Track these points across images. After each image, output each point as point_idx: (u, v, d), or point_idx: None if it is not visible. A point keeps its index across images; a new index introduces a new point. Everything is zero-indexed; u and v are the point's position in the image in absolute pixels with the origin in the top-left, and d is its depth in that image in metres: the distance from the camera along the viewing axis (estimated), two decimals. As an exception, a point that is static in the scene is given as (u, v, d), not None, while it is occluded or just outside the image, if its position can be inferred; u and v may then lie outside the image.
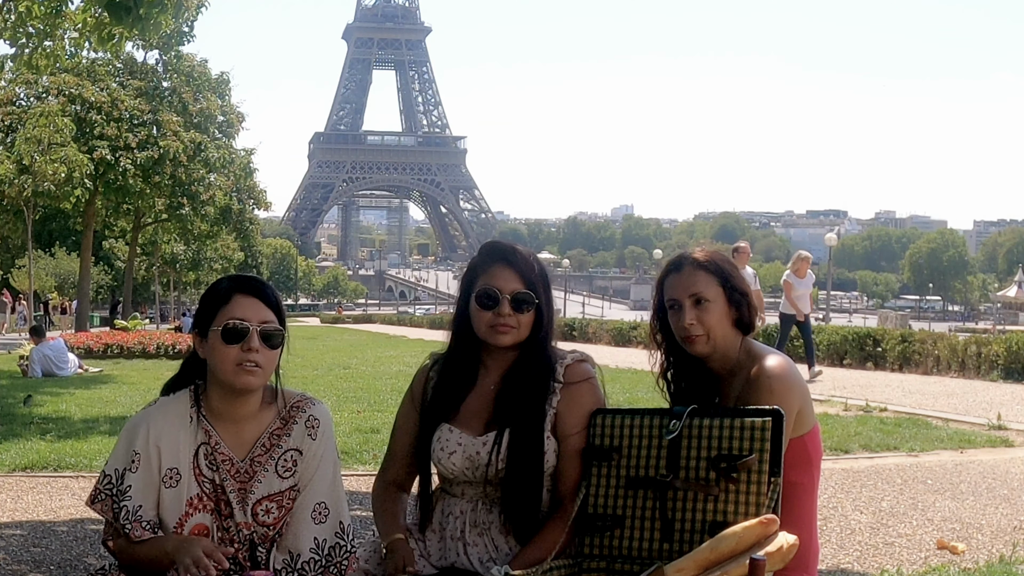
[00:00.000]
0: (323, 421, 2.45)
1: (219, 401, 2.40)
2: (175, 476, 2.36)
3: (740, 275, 2.64)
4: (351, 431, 7.62)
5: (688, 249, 2.70)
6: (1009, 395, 10.81)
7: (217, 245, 46.82)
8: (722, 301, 2.57)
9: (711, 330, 2.55)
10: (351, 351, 22.45)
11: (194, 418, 2.40)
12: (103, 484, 2.37)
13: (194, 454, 2.39)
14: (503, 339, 2.51)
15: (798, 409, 2.50)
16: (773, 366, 2.50)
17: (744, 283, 2.62)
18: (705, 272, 2.58)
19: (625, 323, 28.14)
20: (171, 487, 2.36)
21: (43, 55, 9.05)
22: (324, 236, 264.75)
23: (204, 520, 2.37)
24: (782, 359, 2.55)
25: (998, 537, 4.57)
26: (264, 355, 2.34)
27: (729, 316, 2.58)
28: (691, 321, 2.56)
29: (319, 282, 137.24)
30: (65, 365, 14.51)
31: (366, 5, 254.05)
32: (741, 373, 2.56)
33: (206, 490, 2.38)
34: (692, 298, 2.56)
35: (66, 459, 6.47)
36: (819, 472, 2.65)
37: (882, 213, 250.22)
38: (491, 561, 2.47)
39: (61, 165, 28.45)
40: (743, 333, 2.61)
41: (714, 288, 2.57)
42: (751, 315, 2.61)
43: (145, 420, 2.39)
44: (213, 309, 2.37)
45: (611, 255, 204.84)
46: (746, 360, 2.57)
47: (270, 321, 2.37)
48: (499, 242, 2.65)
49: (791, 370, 2.54)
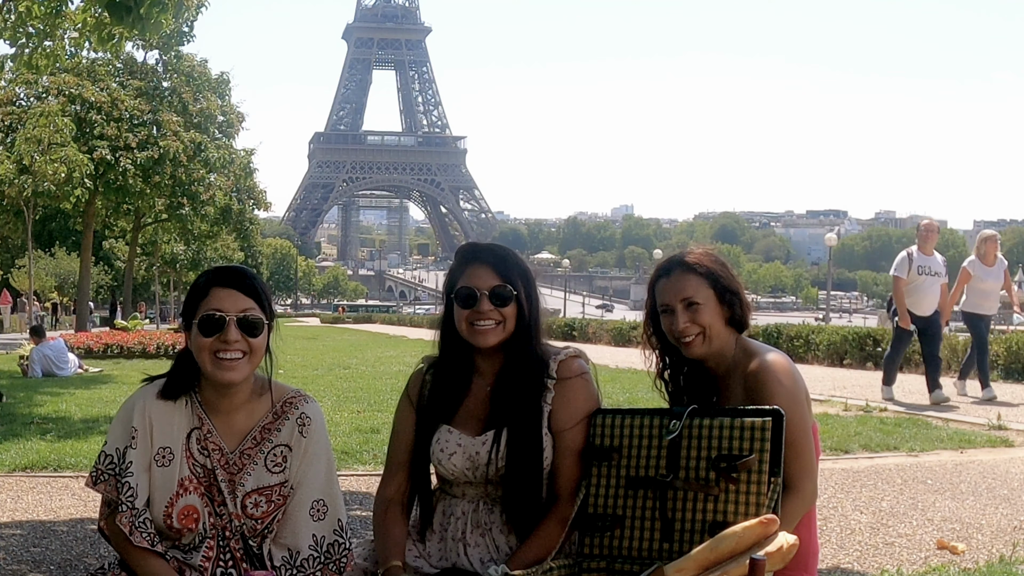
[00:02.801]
0: (315, 419, 2.45)
1: (210, 392, 2.42)
2: (168, 455, 2.37)
3: (731, 274, 2.66)
4: (351, 431, 7.62)
5: (677, 252, 2.72)
6: (1009, 395, 10.80)
7: (217, 245, 46.85)
8: (713, 302, 2.60)
9: (706, 330, 2.58)
10: (351, 351, 22.44)
11: (188, 402, 2.42)
12: (104, 464, 2.38)
13: (186, 436, 2.40)
14: (486, 339, 2.52)
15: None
16: (776, 360, 2.53)
17: (734, 282, 2.64)
18: (695, 275, 2.61)
19: (625, 323, 28.17)
20: (163, 466, 2.37)
21: (43, 55, 9.04)
22: (324, 236, 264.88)
23: (194, 502, 2.38)
24: (782, 355, 2.58)
25: (998, 537, 4.57)
26: (247, 343, 2.34)
27: (722, 315, 2.61)
28: (685, 324, 2.58)
29: (319, 282, 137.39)
30: (65, 365, 14.51)
31: (366, 5, 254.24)
32: (738, 371, 2.58)
33: (196, 473, 2.39)
34: (684, 302, 2.59)
35: (66, 459, 6.47)
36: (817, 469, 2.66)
37: (882, 213, 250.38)
38: (491, 561, 2.47)
39: (61, 165, 28.44)
40: (737, 331, 2.64)
41: (704, 290, 2.59)
42: (744, 313, 2.64)
43: (141, 397, 2.42)
44: (195, 303, 2.38)
45: (611, 255, 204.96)
46: (743, 358, 2.59)
47: (249, 309, 2.36)
48: (474, 243, 2.68)
49: (793, 365, 2.57)
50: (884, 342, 16.17)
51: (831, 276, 47.23)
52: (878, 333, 16.76)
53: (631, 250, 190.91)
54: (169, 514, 2.36)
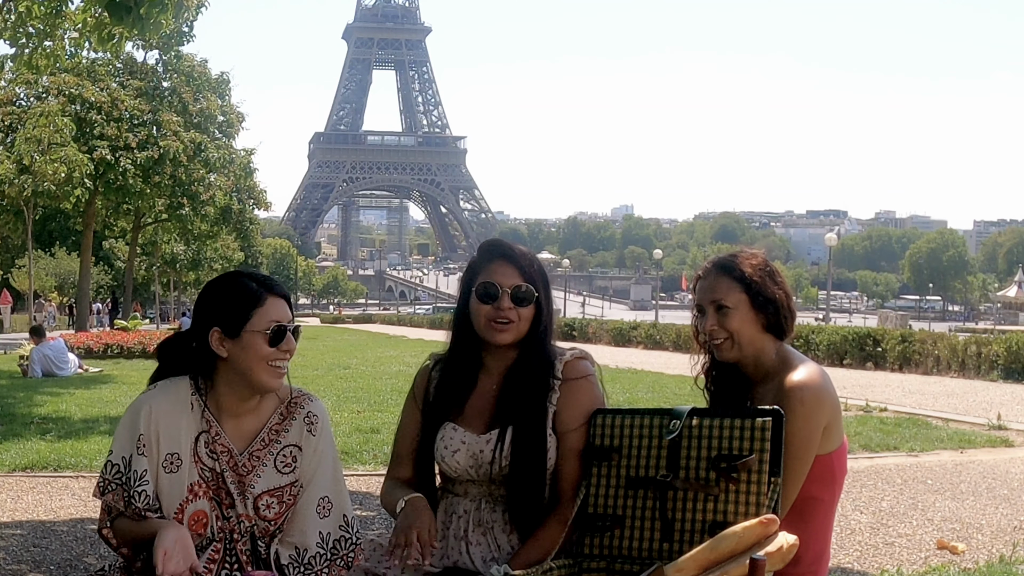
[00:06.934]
0: (321, 417, 2.48)
1: (229, 396, 2.40)
2: (175, 461, 2.36)
3: (774, 282, 2.58)
4: (351, 431, 7.62)
5: (722, 253, 2.68)
6: (1009, 395, 10.81)
7: (217, 245, 46.80)
8: (745, 307, 2.55)
9: (734, 335, 2.55)
10: (351, 351, 22.46)
11: (195, 406, 2.41)
12: (111, 474, 2.36)
13: (194, 441, 2.39)
14: (502, 336, 2.52)
15: (826, 424, 2.48)
16: (804, 379, 2.48)
17: (775, 290, 2.57)
18: (728, 278, 2.58)
19: (625, 323, 28.16)
20: (171, 472, 2.35)
21: (43, 55, 9.04)
22: (324, 236, 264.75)
23: (203, 507, 2.38)
24: (814, 370, 2.52)
25: (998, 537, 4.57)
26: (292, 351, 2.41)
27: (756, 322, 2.56)
28: (712, 326, 2.57)
29: (319, 282, 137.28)
30: (65, 365, 14.51)
31: (366, 5, 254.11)
32: (775, 380, 2.54)
33: (205, 477, 2.38)
34: (713, 304, 2.58)
35: (66, 459, 6.48)
36: (841, 489, 2.63)
37: (882, 213, 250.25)
38: (493, 560, 2.47)
39: (61, 165, 28.41)
40: (778, 338, 2.59)
41: (736, 294, 2.56)
42: (783, 321, 2.58)
43: (147, 402, 2.40)
44: (247, 310, 2.36)
45: (611, 255, 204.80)
46: (780, 367, 2.55)
47: (293, 319, 2.43)
48: (498, 240, 2.67)
49: (823, 383, 2.50)
50: (884, 342, 16.17)
51: (831, 276, 47.23)
52: (878, 333, 16.78)
53: (631, 250, 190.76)
54: (179, 520, 2.34)
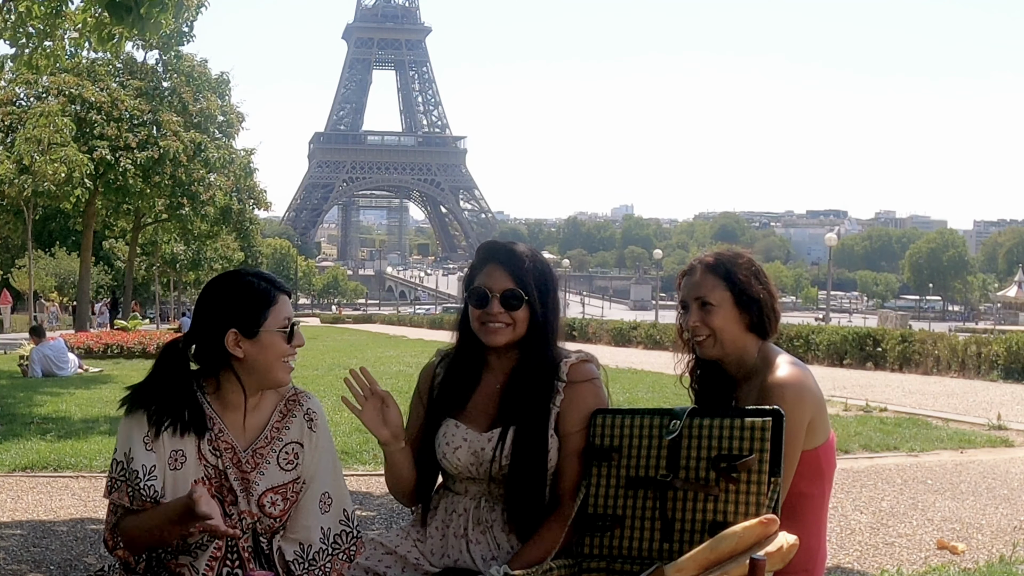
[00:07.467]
0: (319, 413, 2.52)
1: (235, 395, 2.41)
2: (180, 458, 2.37)
3: (759, 281, 2.59)
4: (351, 431, 7.62)
5: (704, 251, 2.70)
6: (1009, 395, 10.82)
7: (217, 245, 46.80)
8: (729, 305, 2.56)
9: (716, 333, 2.56)
10: (351, 351, 22.46)
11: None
12: (117, 471, 2.36)
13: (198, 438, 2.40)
14: (495, 338, 2.53)
15: (809, 420, 2.49)
16: (785, 376, 2.49)
17: (759, 290, 2.58)
18: (712, 276, 2.59)
19: (625, 323, 28.16)
20: (175, 469, 2.36)
21: (43, 55, 9.04)
22: (324, 236, 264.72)
23: None
24: (795, 368, 2.53)
25: (998, 537, 4.58)
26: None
27: (739, 320, 2.57)
28: (695, 323, 2.58)
29: (319, 282, 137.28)
30: (65, 365, 14.51)
31: (366, 5, 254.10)
32: (757, 378, 2.55)
33: (209, 474, 2.39)
34: (697, 301, 2.59)
35: (66, 459, 6.48)
36: (831, 484, 2.64)
37: (882, 213, 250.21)
38: (493, 559, 2.48)
39: (61, 165, 28.41)
40: (760, 337, 2.60)
41: (719, 292, 2.57)
42: (766, 321, 2.59)
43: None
44: (261, 309, 2.39)
45: (611, 255, 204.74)
46: (762, 365, 2.56)
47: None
48: (494, 242, 2.66)
49: (804, 379, 2.51)
50: (884, 342, 16.16)
51: (831, 276, 47.18)
52: (878, 333, 16.77)
53: (631, 250, 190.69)
54: None
